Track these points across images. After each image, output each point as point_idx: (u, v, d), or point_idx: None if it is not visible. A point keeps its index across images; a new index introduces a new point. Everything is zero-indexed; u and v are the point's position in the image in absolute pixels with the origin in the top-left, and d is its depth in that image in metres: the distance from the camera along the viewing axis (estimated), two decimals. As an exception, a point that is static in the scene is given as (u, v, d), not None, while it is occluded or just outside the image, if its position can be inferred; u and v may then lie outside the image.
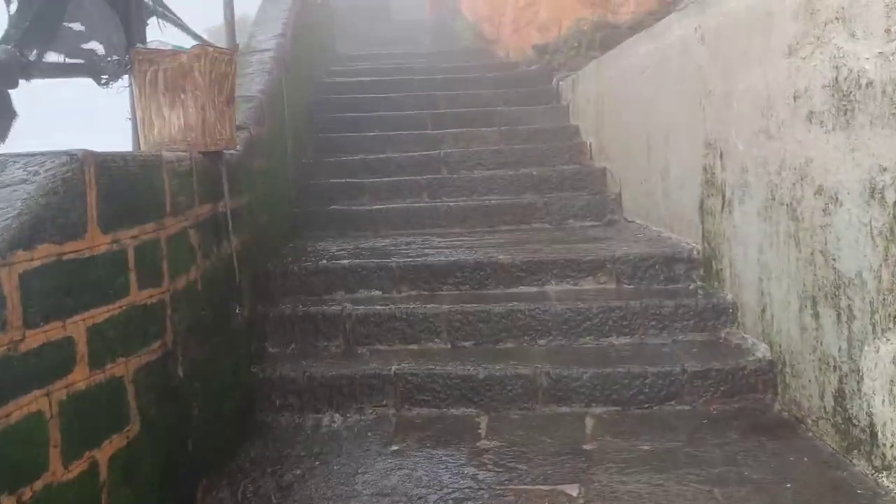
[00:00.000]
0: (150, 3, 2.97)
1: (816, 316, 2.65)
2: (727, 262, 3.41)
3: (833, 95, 2.47)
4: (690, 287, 3.67)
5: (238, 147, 3.44)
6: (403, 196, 5.38)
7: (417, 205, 5.15)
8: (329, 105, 6.86)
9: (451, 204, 5.08)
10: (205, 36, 6.75)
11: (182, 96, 2.78)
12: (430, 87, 7.31)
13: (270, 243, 4.07)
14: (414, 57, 9.67)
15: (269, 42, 4.98)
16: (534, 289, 3.76)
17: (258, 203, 3.78)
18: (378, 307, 3.55)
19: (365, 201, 5.36)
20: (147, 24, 3.05)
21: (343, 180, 5.50)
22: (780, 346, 2.96)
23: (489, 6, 10.41)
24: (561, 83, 6.74)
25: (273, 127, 4.43)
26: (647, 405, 3.06)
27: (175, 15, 3.72)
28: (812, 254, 2.66)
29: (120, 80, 2.76)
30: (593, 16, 7.75)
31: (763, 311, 3.08)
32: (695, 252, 3.72)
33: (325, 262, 3.89)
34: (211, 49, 2.82)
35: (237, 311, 3.04)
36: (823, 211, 2.57)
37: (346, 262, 3.89)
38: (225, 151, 3.07)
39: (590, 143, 5.72)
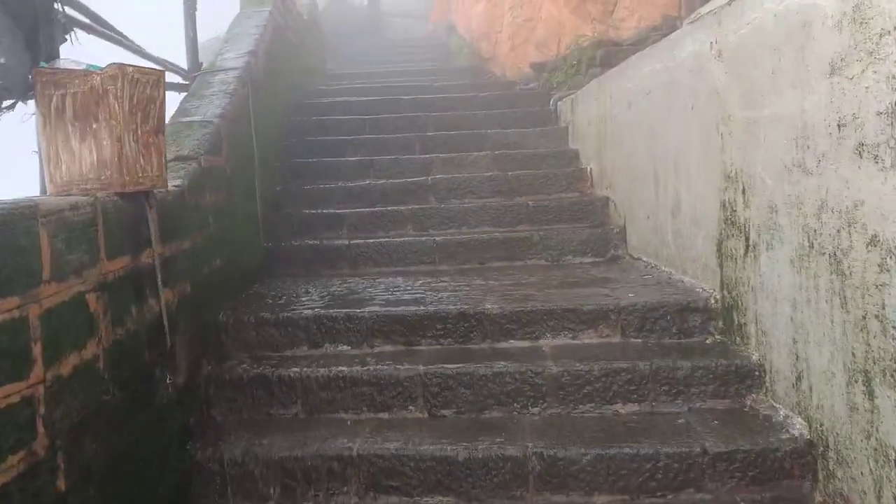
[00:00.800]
0: (62, 9, 2.48)
1: (870, 395, 2.14)
2: (752, 316, 2.90)
3: (892, 124, 1.98)
4: (708, 342, 3.15)
5: (180, 182, 2.95)
6: (386, 228, 4.90)
7: (401, 239, 4.66)
8: (310, 127, 6.40)
9: (439, 238, 4.59)
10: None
11: (94, 126, 2.30)
12: (419, 107, 6.84)
13: (227, 288, 3.57)
14: (406, 76, 9.24)
15: (236, 60, 4.51)
16: (526, 343, 3.25)
17: (209, 244, 3.29)
18: (344, 368, 3.04)
19: (343, 234, 4.87)
20: (65, 40, 2.57)
21: (320, 210, 5.02)
22: (821, 425, 2.44)
23: (485, 23, 10.00)
24: (559, 103, 6.27)
25: (235, 155, 3.94)
26: (660, 494, 2.54)
27: (113, 29, 3.25)
28: (864, 318, 2.15)
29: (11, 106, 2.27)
30: (593, 32, 7.32)
31: (798, 379, 2.57)
32: (712, 300, 3.22)
33: (286, 312, 3.37)
34: (131, 69, 2.34)
35: (168, 380, 2.54)
36: (879, 267, 2.07)
37: (310, 311, 3.37)
38: (155, 190, 2.58)
39: (590, 170, 5.23)
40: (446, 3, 13.69)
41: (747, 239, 2.89)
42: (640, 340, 3.21)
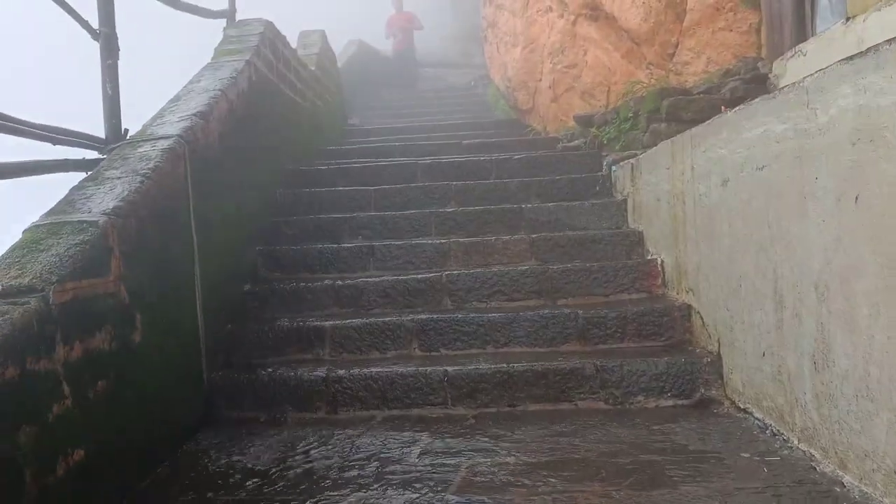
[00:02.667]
0: None
1: None
2: None
3: None
4: None
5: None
6: (383, 347, 3.60)
7: (400, 368, 3.32)
8: (303, 203, 5.16)
9: (451, 369, 3.25)
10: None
11: None
12: (440, 174, 5.56)
13: (108, 485, 2.27)
14: (431, 132, 8.05)
15: (172, 125, 3.28)
16: None
17: (55, 433, 2.01)
18: None
19: (324, 356, 3.60)
20: None
21: (296, 323, 3.72)
22: None
23: (523, 71, 8.79)
24: (615, 169, 4.92)
25: (148, 266, 2.69)
26: None
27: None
28: None
29: None
30: (650, 79, 6.06)
31: None
32: (918, 546, 1.79)
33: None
34: None
35: None
36: None
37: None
38: None
39: (661, 262, 3.86)
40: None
41: None
42: None
